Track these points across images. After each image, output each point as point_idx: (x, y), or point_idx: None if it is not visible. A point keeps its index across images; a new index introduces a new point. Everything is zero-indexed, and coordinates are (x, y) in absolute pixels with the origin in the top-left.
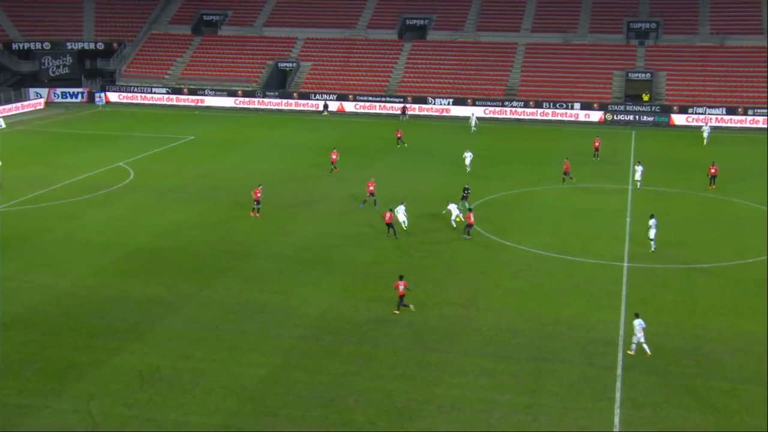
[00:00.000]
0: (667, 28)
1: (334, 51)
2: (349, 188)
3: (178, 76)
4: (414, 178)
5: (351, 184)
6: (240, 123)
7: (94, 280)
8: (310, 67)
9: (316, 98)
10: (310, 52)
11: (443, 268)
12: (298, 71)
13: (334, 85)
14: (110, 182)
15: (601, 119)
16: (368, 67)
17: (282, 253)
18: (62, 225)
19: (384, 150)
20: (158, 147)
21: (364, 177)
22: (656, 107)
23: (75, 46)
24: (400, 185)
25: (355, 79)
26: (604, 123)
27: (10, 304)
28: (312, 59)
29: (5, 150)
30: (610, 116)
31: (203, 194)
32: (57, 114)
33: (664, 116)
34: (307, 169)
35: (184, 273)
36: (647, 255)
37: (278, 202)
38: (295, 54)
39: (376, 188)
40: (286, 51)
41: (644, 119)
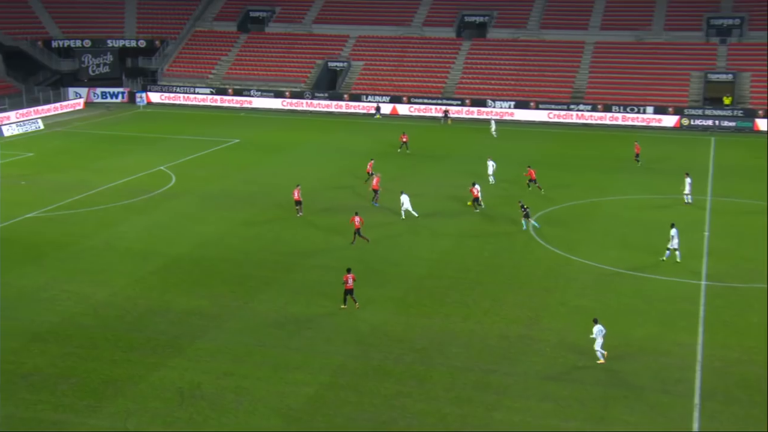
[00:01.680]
0: (752, 24)
1: (387, 50)
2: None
3: (223, 75)
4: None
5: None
6: (287, 126)
7: (134, 290)
8: (361, 67)
9: (368, 100)
10: (362, 51)
11: (503, 284)
12: (349, 71)
13: (387, 87)
14: (151, 187)
15: (677, 124)
16: (424, 67)
17: (330, 264)
18: (101, 232)
19: (440, 156)
20: (201, 150)
21: (415, 183)
22: (739, 111)
23: (116, 43)
24: (449, 189)
25: (409, 80)
26: (680, 128)
27: (46, 314)
28: (364, 59)
29: (43, 152)
30: (686, 121)
31: (248, 201)
32: (97, 115)
33: (748, 121)
34: (358, 175)
35: (227, 284)
36: (729, 273)
37: (326, 209)
38: (346, 53)
39: (380, 184)
40: (336, 50)
41: (725, 124)
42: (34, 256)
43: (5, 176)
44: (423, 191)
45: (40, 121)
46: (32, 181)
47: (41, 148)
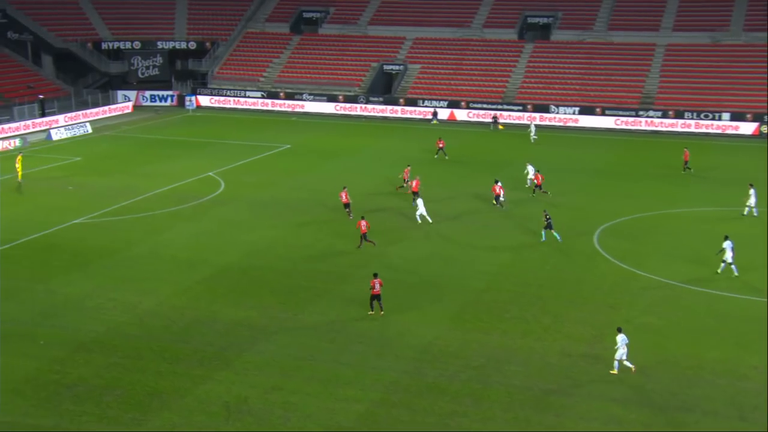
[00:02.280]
0: None
1: (445, 52)
2: (460, 207)
3: (275, 78)
4: (522, 199)
5: (462, 202)
6: (340, 131)
7: (180, 300)
8: (418, 71)
9: (425, 105)
10: (419, 54)
11: (565, 299)
12: (405, 75)
13: (445, 91)
14: (199, 194)
15: (756, 132)
16: (483, 70)
17: (384, 276)
18: (147, 239)
19: (500, 163)
20: (251, 156)
21: (475, 192)
22: None
23: (166, 45)
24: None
25: (468, 85)
26: (759, 136)
27: (91, 323)
28: (421, 61)
29: (90, 157)
30: (766, 128)
31: (299, 209)
32: (145, 118)
33: None
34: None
35: (276, 295)
36: None
37: (380, 219)
38: (402, 56)
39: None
40: (392, 52)
41: None
42: (80, 263)
43: (53, 181)
44: (480, 203)
45: (89, 125)
46: (79, 187)
47: (89, 152)
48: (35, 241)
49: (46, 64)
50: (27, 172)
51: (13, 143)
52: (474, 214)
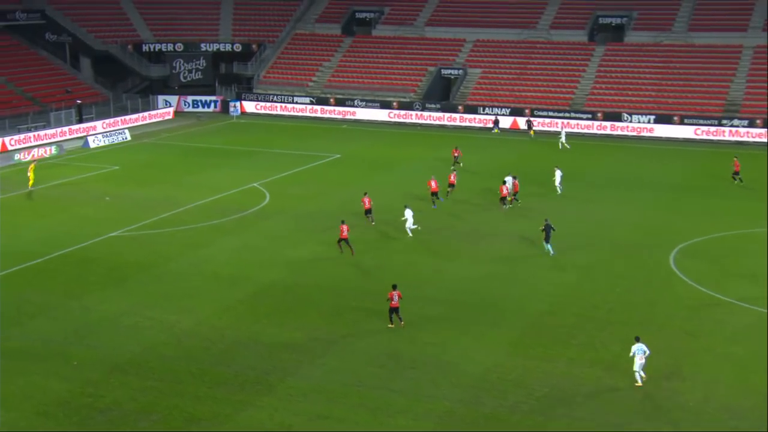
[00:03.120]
0: None
1: (508, 56)
2: (524, 223)
3: (324, 83)
4: (609, 210)
5: (527, 219)
6: (394, 140)
7: (221, 319)
8: (479, 75)
9: (485, 112)
10: (479, 57)
11: (638, 325)
12: (464, 80)
13: (508, 97)
14: (243, 206)
15: None
16: (550, 75)
17: (439, 296)
18: (187, 254)
19: (565, 177)
20: (299, 166)
21: (540, 208)
22: None
23: (210, 47)
24: (580, 217)
25: (533, 91)
26: None
27: (127, 343)
28: (482, 65)
29: (129, 166)
30: None
31: (349, 223)
32: (187, 125)
33: None
34: (472, 198)
35: (323, 315)
36: None
37: (436, 235)
38: (461, 59)
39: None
40: (451, 55)
41: None
42: (117, 279)
43: (89, 191)
44: (545, 218)
45: (127, 132)
46: (117, 197)
47: (127, 161)
48: (70, 254)
49: (85, 68)
50: (63, 181)
51: (49, 151)
52: (540, 233)
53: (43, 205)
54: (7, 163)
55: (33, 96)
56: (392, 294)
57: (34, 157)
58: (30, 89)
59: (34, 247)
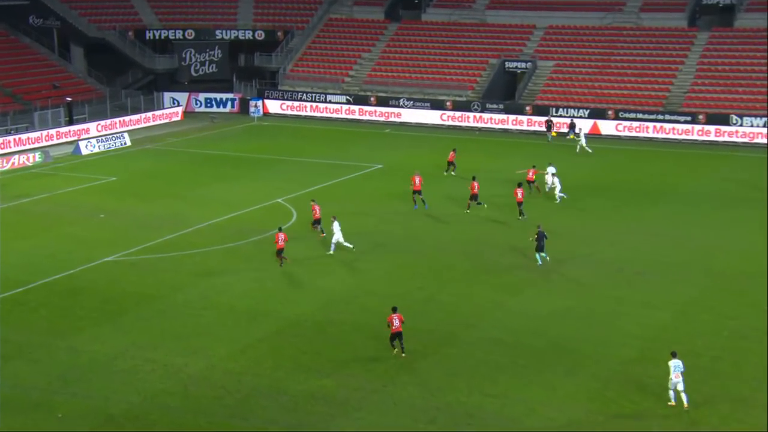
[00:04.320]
0: None
1: (588, 45)
2: (607, 250)
3: (364, 78)
4: (711, 233)
5: (612, 246)
6: (447, 147)
7: (237, 363)
8: (551, 69)
9: (559, 114)
10: (552, 47)
11: (751, 377)
12: (533, 75)
13: (587, 96)
14: (264, 225)
15: None
16: (639, 69)
17: (500, 337)
18: (197, 283)
19: (655, 192)
20: (333, 178)
21: (623, 232)
22: None
23: (226, 35)
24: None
25: (618, 88)
26: None
27: (124, 391)
28: (555, 57)
29: (128, 176)
30: None
31: (391, 247)
32: (198, 128)
33: None
34: (542, 218)
35: (360, 359)
36: None
37: (498, 261)
38: (530, 49)
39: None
40: (517, 45)
41: None
42: (112, 313)
43: (80, 207)
44: (639, 245)
45: (127, 136)
46: (113, 214)
47: (126, 170)
48: (56, 283)
49: (76, 58)
50: (49, 195)
51: (33, 158)
52: (626, 260)
53: (24, 224)
54: None
55: (13, 92)
56: (392, 318)
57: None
58: (10, 84)
59: (12, 273)
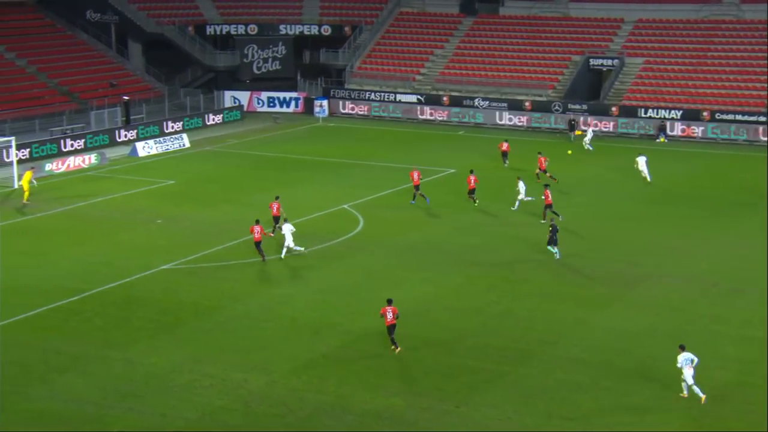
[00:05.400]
0: None
1: (681, 41)
2: (694, 261)
3: (436, 77)
4: None
5: (699, 255)
6: (525, 150)
7: (300, 379)
8: (640, 67)
9: (648, 116)
10: (641, 43)
11: None
12: (620, 72)
13: (679, 96)
14: (329, 233)
15: None
16: (739, 66)
17: (582, 356)
18: (258, 294)
19: (755, 202)
20: (401, 183)
21: (718, 244)
22: None
23: (291, 30)
24: None
25: (714, 87)
26: None
27: (180, 407)
28: (644, 54)
29: (187, 179)
30: None
31: (465, 257)
32: (260, 129)
33: None
34: (630, 227)
35: (430, 377)
36: None
37: (579, 275)
38: (617, 45)
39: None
40: (603, 40)
41: None
42: (169, 324)
43: (137, 211)
44: (734, 257)
45: (185, 137)
46: (170, 220)
47: (185, 173)
48: (111, 292)
49: (134, 55)
50: (104, 199)
51: (89, 160)
52: (722, 275)
53: (79, 229)
54: (37, 175)
55: (69, 90)
56: (385, 310)
57: (32, 169)
58: (66, 82)
59: (67, 282)
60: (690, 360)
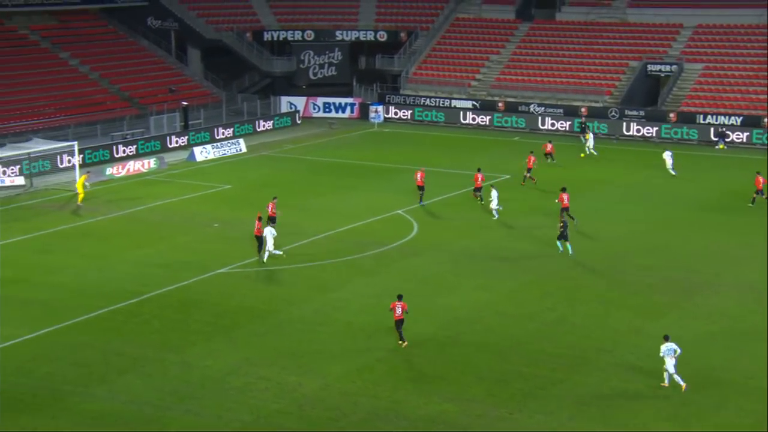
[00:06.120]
0: None
1: (742, 46)
2: (755, 269)
3: (492, 83)
4: None
5: (761, 263)
6: (579, 156)
7: (354, 383)
8: (699, 72)
9: (706, 122)
10: (701, 48)
11: None
12: (678, 78)
13: (740, 102)
14: (383, 238)
15: None
16: None
17: (638, 364)
18: (313, 298)
19: None
20: (455, 189)
21: None
22: None
23: (347, 36)
24: None
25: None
26: None
27: (236, 409)
28: (704, 59)
29: (243, 184)
30: None
31: (518, 264)
32: (315, 134)
33: None
34: (687, 235)
35: (484, 383)
36: None
37: (636, 282)
38: (676, 51)
39: None
40: (662, 46)
41: None
42: (225, 327)
43: (194, 215)
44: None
45: (242, 142)
46: (227, 224)
47: (241, 178)
48: (168, 295)
49: (193, 61)
50: (163, 203)
51: (148, 164)
52: None
53: (138, 232)
54: (98, 179)
55: (130, 96)
56: (395, 305)
57: (88, 174)
58: (127, 87)
59: (126, 284)
60: (673, 350)
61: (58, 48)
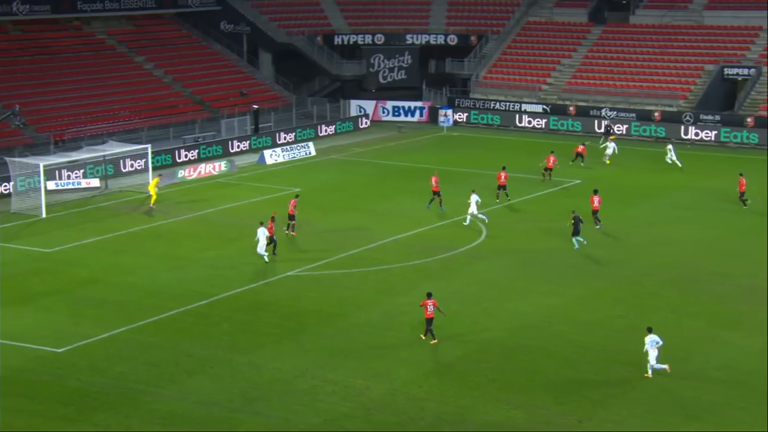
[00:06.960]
0: None
1: None
2: None
3: (563, 86)
4: None
5: None
6: (653, 162)
7: (421, 388)
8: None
9: None
10: None
11: None
12: (757, 82)
13: None
14: (452, 242)
15: None
16: None
17: (713, 374)
18: (381, 302)
19: None
20: (525, 194)
21: None
22: None
23: (417, 40)
24: None
25: None
26: None
27: (303, 412)
28: None
29: (312, 188)
30: None
31: (590, 270)
32: (384, 138)
33: None
34: (759, 242)
35: (552, 390)
36: None
37: (711, 290)
38: (754, 54)
39: None
40: (739, 49)
41: None
42: (293, 330)
43: (264, 218)
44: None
45: (311, 145)
46: (296, 227)
47: (310, 181)
48: (238, 297)
49: (264, 64)
50: (233, 205)
51: (218, 167)
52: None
53: (208, 234)
54: (170, 182)
55: (202, 99)
56: (426, 303)
57: (160, 176)
58: (199, 91)
59: (196, 285)
60: (656, 342)
61: (133, 52)
